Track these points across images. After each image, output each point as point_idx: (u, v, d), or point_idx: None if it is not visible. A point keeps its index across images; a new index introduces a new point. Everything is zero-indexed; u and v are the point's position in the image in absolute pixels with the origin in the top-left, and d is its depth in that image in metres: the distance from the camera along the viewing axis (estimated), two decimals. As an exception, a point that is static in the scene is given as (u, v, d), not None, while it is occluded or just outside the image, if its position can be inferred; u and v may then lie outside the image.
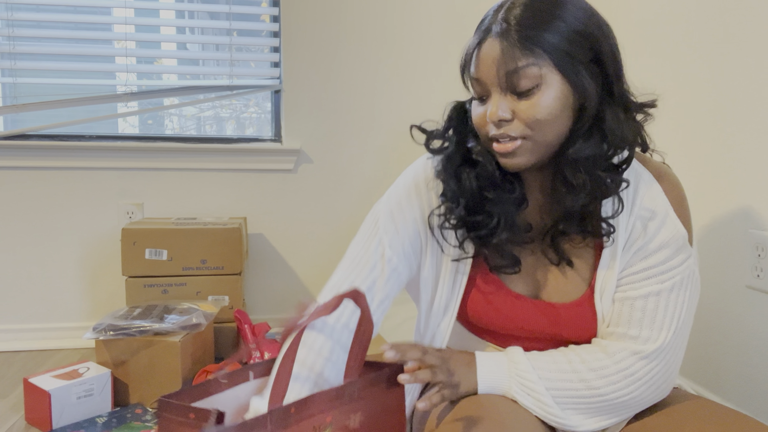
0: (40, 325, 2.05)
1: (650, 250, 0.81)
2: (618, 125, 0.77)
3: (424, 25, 2.14)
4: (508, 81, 0.75)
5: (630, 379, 0.79)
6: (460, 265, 0.88)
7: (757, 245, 1.32)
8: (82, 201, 2.04)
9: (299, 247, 2.17)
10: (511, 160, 0.78)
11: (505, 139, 0.77)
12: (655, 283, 0.80)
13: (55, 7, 2.02)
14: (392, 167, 2.18)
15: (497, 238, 0.82)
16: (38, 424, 1.41)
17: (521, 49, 0.73)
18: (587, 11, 0.77)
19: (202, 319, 1.59)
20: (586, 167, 0.77)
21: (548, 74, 0.74)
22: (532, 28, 0.74)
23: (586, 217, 0.80)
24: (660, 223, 0.81)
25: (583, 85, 0.76)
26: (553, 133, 0.77)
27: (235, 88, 2.12)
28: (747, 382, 1.36)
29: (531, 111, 0.75)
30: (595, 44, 0.76)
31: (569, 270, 0.86)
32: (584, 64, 0.76)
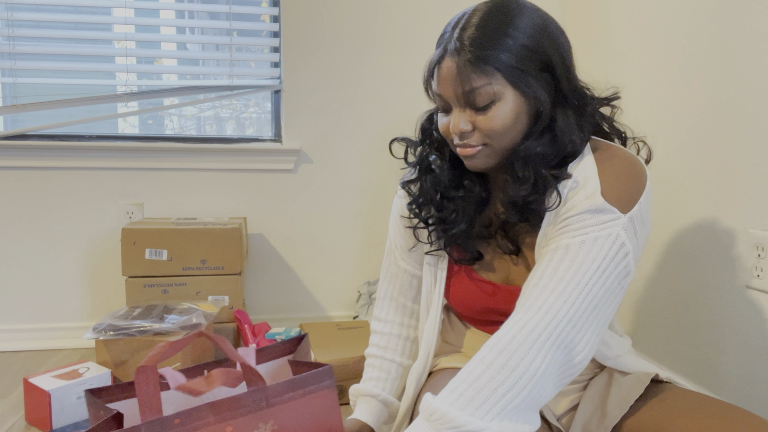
0: (40, 325, 2.05)
1: (569, 216, 0.81)
2: (568, 126, 0.83)
3: (424, 25, 2.14)
4: (465, 99, 0.82)
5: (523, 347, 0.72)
6: (439, 261, 0.99)
7: (757, 245, 1.32)
8: (82, 201, 2.04)
9: (299, 247, 2.17)
10: (473, 162, 0.87)
11: (468, 145, 0.85)
12: (566, 238, 0.79)
13: (55, 7, 2.03)
14: (392, 167, 2.18)
15: (456, 229, 0.91)
16: (38, 424, 1.41)
17: (475, 70, 0.79)
18: (536, 24, 0.81)
19: (202, 319, 1.59)
20: (534, 163, 0.83)
21: (502, 90, 0.80)
22: (484, 48, 0.79)
23: (525, 208, 0.85)
24: (584, 196, 0.81)
25: (535, 95, 0.81)
26: (510, 139, 0.84)
27: (235, 88, 2.12)
28: (747, 382, 1.36)
29: (488, 124, 0.82)
30: (544, 55, 0.81)
31: (521, 258, 0.92)
32: (534, 76, 0.81)
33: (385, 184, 2.19)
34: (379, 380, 1.04)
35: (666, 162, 1.61)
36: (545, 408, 0.92)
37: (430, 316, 0.99)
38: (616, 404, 0.86)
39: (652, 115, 1.68)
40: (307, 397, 0.73)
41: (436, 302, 0.98)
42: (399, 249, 1.05)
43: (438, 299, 0.98)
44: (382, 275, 1.09)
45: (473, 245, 0.93)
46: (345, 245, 2.20)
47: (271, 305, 2.18)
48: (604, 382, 0.92)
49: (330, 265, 2.20)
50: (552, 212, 0.85)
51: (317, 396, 0.73)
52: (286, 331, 1.82)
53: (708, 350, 1.47)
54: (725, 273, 1.41)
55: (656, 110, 1.66)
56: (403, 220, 1.02)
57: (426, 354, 0.98)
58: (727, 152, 1.41)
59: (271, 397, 0.71)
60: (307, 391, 0.73)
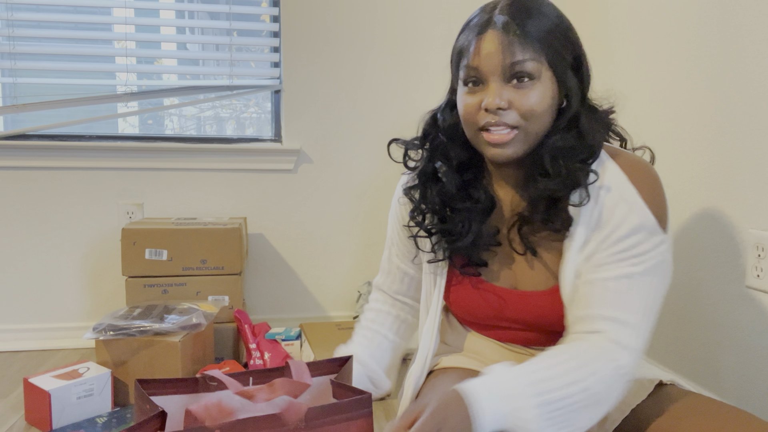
0: (40, 325, 2.05)
1: (621, 235, 0.81)
2: (591, 125, 0.83)
3: (424, 25, 2.14)
4: (510, 71, 0.79)
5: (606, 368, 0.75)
6: (439, 265, 0.96)
7: (757, 245, 1.32)
8: (82, 201, 2.04)
9: (299, 247, 2.17)
10: (503, 150, 0.82)
11: (499, 128, 0.81)
12: (627, 266, 0.80)
13: (55, 7, 2.02)
14: (392, 167, 2.18)
15: (463, 243, 0.89)
16: (38, 424, 1.41)
17: (523, 43, 0.79)
18: (566, 19, 0.85)
19: (202, 319, 1.59)
20: (564, 157, 0.82)
21: (543, 71, 0.80)
22: (532, 26, 0.79)
23: (552, 206, 0.84)
24: (628, 209, 0.81)
25: (567, 85, 0.82)
26: (541, 125, 0.82)
27: (235, 88, 2.12)
28: (747, 382, 1.36)
29: (527, 101, 0.79)
30: (577, 50, 0.84)
31: (538, 262, 0.89)
32: (569, 67, 0.82)
33: (385, 184, 2.19)
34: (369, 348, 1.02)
35: (666, 162, 1.61)
36: None
37: (429, 317, 0.98)
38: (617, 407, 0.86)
39: (652, 115, 1.67)
40: (345, 423, 0.72)
41: (435, 305, 0.97)
42: (396, 247, 1.05)
43: (437, 302, 0.97)
44: (380, 269, 1.10)
45: (479, 255, 0.91)
46: (345, 245, 2.20)
47: (271, 305, 2.18)
48: None
49: (330, 265, 2.20)
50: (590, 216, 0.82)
51: (354, 423, 0.73)
52: (286, 331, 1.82)
53: (708, 350, 1.47)
54: (725, 273, 1.41)
55: (656, 110, 1.66)
56: (405, 229, 1.00)
57: (425, 355, 0.97)
58: (727, 152, 1.41)
59: (311, 419, 0.70)
60: (346, 417, 0.72)
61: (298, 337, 1.80)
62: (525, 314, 0.90)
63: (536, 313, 0.89)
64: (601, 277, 0.80)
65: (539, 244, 0.88)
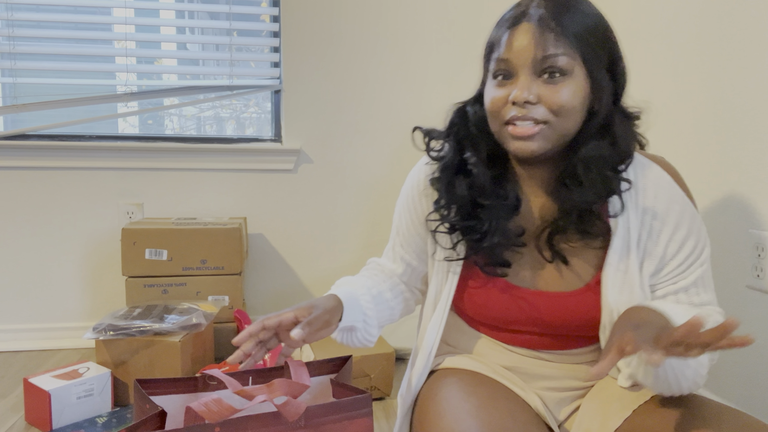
0: (40, 325, 2.05)
1: (683, 236, 0.85)
2: (624, 132, 0.82)
3: (424, 25, 2.14)
4: (541, 64, 0.78)
5: None
6: (452, 265, 0.92)
7: (757, 245, 1.32)
8: (82, 201, 2.04)
9: (299, 247, 2.17)
10: (528, 145, 0.80)
11: (526, 122, 0.79)
12: (697, 266, 0.85)
13: (55, 7, 2.03)
14: (392, 167, 2.18)
15: (488, 242, 0.85)
16: (38, 424, 1.41)
17: (557, 38, 0.77)
18: (605, 19, 0.83)
19: (202, 319, 1.59)
20: (598, 166, 0.81)
21: (577, 68, 0.78)
22: (568, 18, 0.78)
23: (585, 216, 0.83)
24: (681, 209, 0.84)
25: (601, 84, 0.80)
26: (571, 124, 0.80)
27: (235, 88, 2.12)
28: (747, 382, 1.36)
29: (557, 97, 0.78)
30: (614, 51, 0.82)
31: (565, 268, 0.88)
32: (604, 67, 0.81)
33: (385, 184, 2.19)
34: (368, 290, 0.94)
35: (666, 162, 1.60)
36: (547, 413, 0.92)
37: (436, 313, 0.94)
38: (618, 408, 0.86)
39: (651, 116, 1.67)
40: (344, 423, 0.72)
41: (444, 302, 0.92)
42: (402, 237, 0.98)
43: (447, 300, 0.92)
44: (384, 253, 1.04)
45: (502, 255, 0.87)
46: (345, 245, 2.20)
47: (271, 305, 2.18)
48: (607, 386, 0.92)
49: (330, 265, 2.20)
50: (638, 219, 0.83)
51: (353, 423, 0.73)
52: (286, 331, 1.81)
53: (708, 350, 1.47)
54: (725, 273, 1.41)
55: (656, 110, 1.66)
56: (418, 221, 0.94)
57: (428, 351, 0.94)
58: (727, 153, 1.41)
59: (311, 417, 0.70)
60: (345, 417, 0.72)
61: (298, 337, 1.79)
62: (545, 316, 0.89)
63: (557, 315, 0.88)
64: (682, 286, 0.85)
65: (569, 250, 0.87)
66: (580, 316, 0.87)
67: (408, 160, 2.18)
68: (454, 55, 2.16)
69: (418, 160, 1.04)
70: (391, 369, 1.64)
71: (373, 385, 1.63)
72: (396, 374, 1.78)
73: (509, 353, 0.95)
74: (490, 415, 0.80)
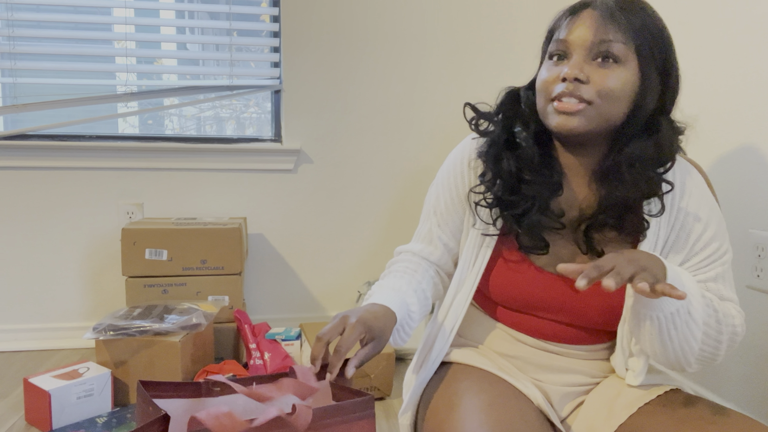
0: (40, 325, 2.05)
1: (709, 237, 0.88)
2: (669, 137, 0.84)
3: (424, 25, 2.14)
4: (596, 48, 0.81)
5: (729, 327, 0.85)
6: (487, 239, 0.93)
7: (757, 245, 1.32)
8: (82, 201, 2.04)
9: (299, 247, 2.17)
10: (570, 120, 0.82)
11: (572, 99, 0.82)
12: (719, 265, 0.88)
13: (55, 7, 2.03)
14: (392, 166, 2.18)
15: (529, 219, 0.87)
16: (38, 424, 1.41)
17: (616, 26, 0.81)
18: (667, 29, 0.86)
19: (202, 319, 1.59)
20: (642, 166, 0.83)
21: (630, 59, 0.81)
22: (631, 12, 0.82)
23: (625, 212, 0.85)
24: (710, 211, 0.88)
25: (650, 80, 0.83)
26: (615, 110, 0.82)
27: (235, 88, 2.12)
28: (747, 382, 1.36)
29: (607, 80, 0.81)
30: (669, 55, 0.85)
31: (595, 258, 0.89)
32: (656, 65, 0.83)
33: (385, 184, 2.19)
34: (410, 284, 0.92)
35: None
36: (550, 410, 0.92)
37: (458, 298, 0.93)
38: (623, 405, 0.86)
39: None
40: (346, 425, 0.72)
41: (470, 285, 0.92)
42: (440, 216, 0.97)
43: (473, 282, 0.92)
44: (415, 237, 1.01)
45: (541, 234, 0.89)
46: (345, 245, 2.20)
47: (271, 305, 2.18)
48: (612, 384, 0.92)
49: (330, 265, 2.20)
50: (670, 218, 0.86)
51: (356, 425, 0.73)
52: (286, 331, 1.82)
53: (708, 350, 1.47)
54: (725, 273, 1.41)
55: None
56: (461, 196, 0.94)
57: (445, 340, 0.94)
58: (727, 153, 1.41)
59: (315, 420, 0.69)
60: (347, 419, 0.72)
61: (298, 337, 1.80)
62: (570, 304, 0.90)
63: (581, 303, 0.89)
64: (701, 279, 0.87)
65: (602, 241, 0.89)
66: (604, 306, 0.88)
67: (408, 159, 2.18)
68: (454, 55, 2.16)
69: (418, 160, 1.04)
70: (391, 369, 1.64)
71: (373, 385, 1.63)
72: (396, 375, 1.78)
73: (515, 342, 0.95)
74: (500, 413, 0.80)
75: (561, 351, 0.93)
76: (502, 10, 2.13)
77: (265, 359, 1.69)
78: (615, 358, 0.91)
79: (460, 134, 2.16)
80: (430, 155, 2.18)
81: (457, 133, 2.19)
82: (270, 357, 1.70)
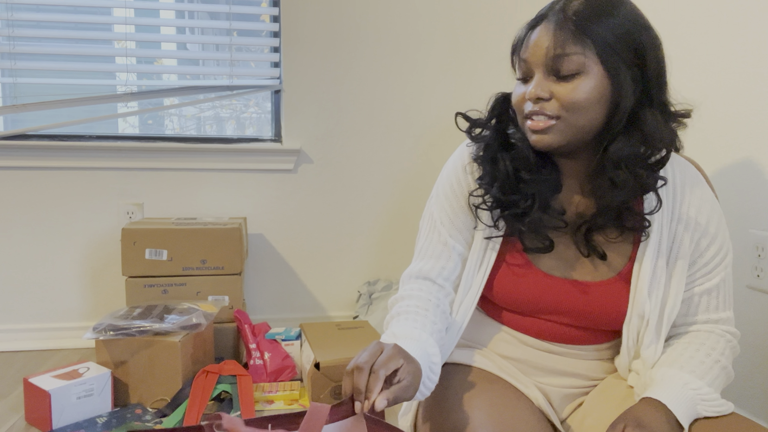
0: (40, 325, 2.05)
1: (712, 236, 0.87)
2: (656, 128, 0.82)
3: (424, 25, 2.14)
4: (552, 64, 0.81)
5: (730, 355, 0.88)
6: (491, 242, 0.92)
7: (757, 245, 1.32)
8: (82, 201, 2.04)
9: (299, 247, 2.17)
10: (542, 138, 0.83)
11: (540, 116, 0.82)
12: (722, 269, 0.88)
13: (55, 7, 2.03)
14: (392, 166, 2.18)
15: (531, 217, 0.87)
16: (38, 424, 1.41)
17: (571, 37, 0.79)
18: (640, 20, 0.83)
19: (202, 319, 1.59)
20: (628, 165, 0.82)
21: (591, 65, 0.80)
22: (585, 20, 0.80)
23: (624, 212, 0.85)
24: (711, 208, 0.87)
25: (621, 82, 0.81)
26: (586, 120, 0.82)
27: (235, 88, 2.12)
28: (747, 382, 1.36)
29: (568, 94, 0.80)
30: (641, 48, 0.82)
31: (614, 259, 0.89)
32: (627, 64, 0.81)
33: (385, 184, 2.19)
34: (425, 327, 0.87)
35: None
36: (550, 410, 0.92)
37: (465, 302, 0.93)
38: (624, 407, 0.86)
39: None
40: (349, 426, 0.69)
41: (476, 289, 0.93)
42: (445, 227, 0.95)
43: (479, 286, 0.92)
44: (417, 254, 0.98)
45: (545, 233, 0.88)
46: (345, 245, 2.20)
47: (271, 305, 2.18)
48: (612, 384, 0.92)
49: (330, 265, 2.20)
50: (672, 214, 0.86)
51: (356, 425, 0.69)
52: (286, 331, 1.82)
53: (708, 350, 1.47)
54: (725, 273, 1.41)
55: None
56: (464, 201, 0.94)
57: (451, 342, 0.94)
58: (727, 153, 1.41)
59: None
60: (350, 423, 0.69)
61: (298, 337, 1.80)
62: (575, 305, 0.89)
63: (586, 304, 0.89)
64: (707, 288, 0.88)
65: (605, 243, 0.89)
66: (609, 307, 0.88)
67: (408, 159, 2.18)
68: (454, 55, 2.16)
69: (418, 160, 1.05)
70: (391, 369, 1.64)
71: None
72: (396, 374, 1.78)
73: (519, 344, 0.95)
74: (500, 413, 0.80)
75: (565, 352, 0.92)
76: (503, 11, 2.13)
77: (265, 359, 1.69)
78: (620, 359, 0.90)
79: (460, 134, 2.16)
80: (430, 155, 2.18)
81: (458, 133, 2.19)
82: (270, 357, 1.70)
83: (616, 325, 0.89)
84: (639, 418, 0.74)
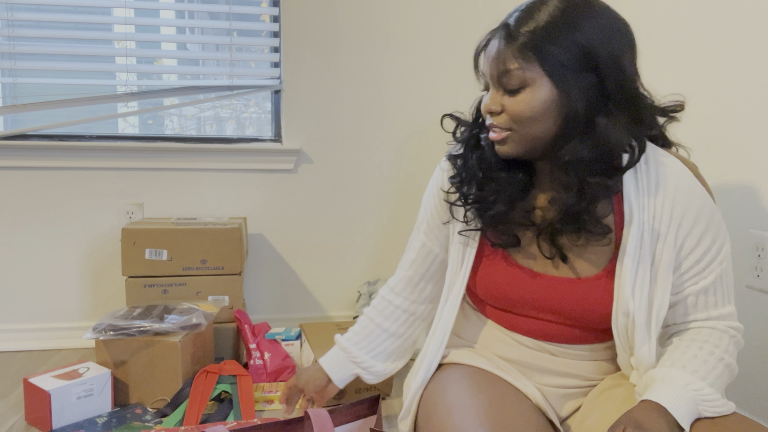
0: (40, 325, 2.05)
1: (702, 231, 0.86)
2: (613, 132, 0.81)
3: (424, 25, 2.14)
4: (499, 80, 0.84)
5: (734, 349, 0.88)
6: (469, 240, 0.96)
7: (757, 245, 1.32)
8: (82, 201, 2.04)
9: (299, 247, 2.17)
10: (501, 148, 0.88)
11: (495, 128, 0.87)
12: (716, 265, 0.87)
13: (55, 7, 2.02)
14: (392, 166, 2.18)
15: (494, 211, 0.90)
16: (38, 424, 1.41)
17: (514, 53, 0.82)
18: (595, 22, 0.81)
19: (202, 319, 1.59)
20: (575, 170, 0.82)
21: (536, 78, 0.81)
22: (530, 34, 0.81)
23: (580, 217, 0.84)
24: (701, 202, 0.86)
25: (570, 92, 0.81)
26: (538, 130, 0.84)
27: (235, 88, 2.12)
28: (746, 382, 1.36)
29: (516, 108, 0.84)
30: (593, 55, 0.80)
31: (581, 255, 0.89)
32: (576, 72, 0.80)
33: (384, 183, 2.19)
34: (359, 335, 1.08)
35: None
36: (549, 409, 0.92)
37: (450, 300, 0.97)
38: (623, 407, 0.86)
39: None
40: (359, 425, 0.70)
41: (459, 286, 0.96)
42: (425, 224, 1.03)
43: (461, 283, 0.96)
44: (406, 249, 1.09)
45: (511, 229, 0.91)
46: (345, 245, 2.20)
47: (271, 305, 2.18)
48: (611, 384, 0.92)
49: (330, 265, 2.20)
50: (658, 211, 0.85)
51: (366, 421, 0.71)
52: (286, 331, 1.82)
53: (708, 350, 1.47)
54: (725, 273, 1.41)
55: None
56: (442, 193, 0.99)
57: (439, 342, 0.96)
58: (727, 152, 1.41)
59: None
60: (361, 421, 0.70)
61: (298, 337, 1.80)
62: (556, 301, 0.90)
63: (568, 300, 0.89)
64: (703, 286, 0.87)
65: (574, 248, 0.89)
66: (592, 304, 0.88)
67: (408, 159, 2.18)
68: (454, 55, 2.16)
69: (418, 160, 1.09)
70: (391, 369, 1.64)
71: (373, 385, 1.63)
72: (396, 375, 1.78)
73: (516, 345, 0.95)
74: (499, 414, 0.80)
75: (560, 352, 0.93)
76: (503, 12, 2.13)
77: (265, 359, 1.69)
78: (619, 358, 0.91)
79: (460, 134, 2.16)
80: (430, 155, 2.18)
81: (457, 133, 2.19)
82: (270, 357, 1.70)
83: (604, 323, 0.89)
84: (639, 420, 0.74)
